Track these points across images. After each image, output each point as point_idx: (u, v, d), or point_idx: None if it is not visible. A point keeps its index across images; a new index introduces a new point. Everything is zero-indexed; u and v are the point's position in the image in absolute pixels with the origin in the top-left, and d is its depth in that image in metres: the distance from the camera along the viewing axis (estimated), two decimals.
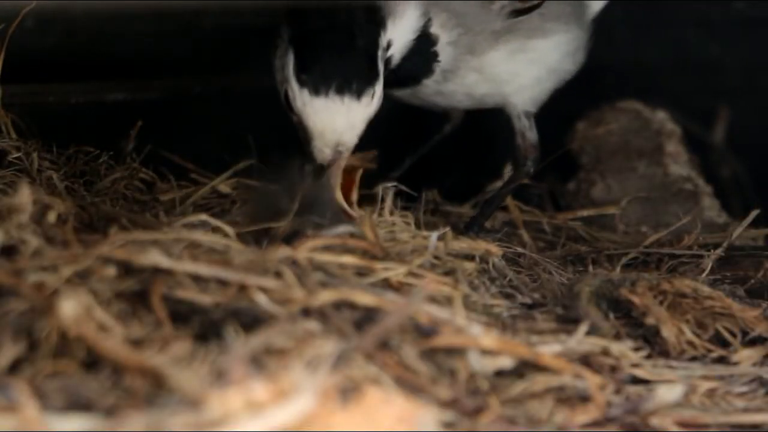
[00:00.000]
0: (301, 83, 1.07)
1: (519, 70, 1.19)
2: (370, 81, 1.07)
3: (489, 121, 1.35)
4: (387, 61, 1.10)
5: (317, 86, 1.06)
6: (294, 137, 1.12)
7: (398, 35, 1.11)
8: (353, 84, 1.06)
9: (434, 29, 1.13)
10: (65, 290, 0.87)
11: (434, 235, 1.02)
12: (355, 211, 1.07)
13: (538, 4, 1.16)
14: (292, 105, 1.07)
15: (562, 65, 1.21)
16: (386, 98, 1.11)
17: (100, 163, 1.20)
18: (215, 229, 0.98)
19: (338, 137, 1.07)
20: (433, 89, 1.18)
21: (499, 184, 1.25)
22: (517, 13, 1.16)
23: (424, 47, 1.13)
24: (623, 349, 0.96)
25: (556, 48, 1.20)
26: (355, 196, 1.09)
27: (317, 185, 1.06)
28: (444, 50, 1.15)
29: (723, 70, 1.47)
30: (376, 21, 1.10)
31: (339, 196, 1.08)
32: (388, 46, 1.10)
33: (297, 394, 0.78)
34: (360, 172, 1.10)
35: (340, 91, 1.06)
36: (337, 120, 1.06)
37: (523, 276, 1.08)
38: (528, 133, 1.21)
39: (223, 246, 0.95)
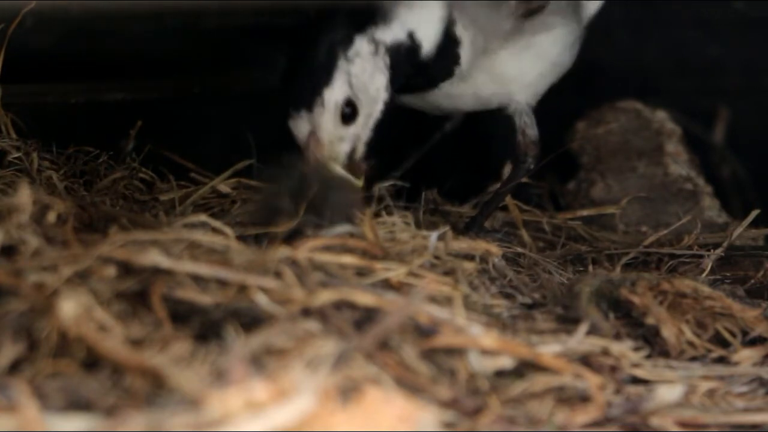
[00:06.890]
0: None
1: (525, 67, 1.19)
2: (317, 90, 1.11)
3: (489, 122, 1.35)
4: (415, 64, 1.13)
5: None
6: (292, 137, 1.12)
7: (424, 31, 1.13)
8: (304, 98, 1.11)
9: (458, 31, 1.14)
10: (65, 290, 0.86)
11: (434, 235, 1.02)
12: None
13: (547, 2, 1.17)
14: None
15: (562, 58, 1.22)
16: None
17: (100, 163, 1.20)
18: (215, 230, 0.98)
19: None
20: (444, 91, 1.18)
21: (499, 185, 1.25)
22: (529, 13, 1.16)
23: (449, 49, 1.15)
24: (623, 349, 0.96)
25: (558, 41, 1.21)
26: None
27: (322, 184, 1.06)
28: (465, 52, 1.15)
29: (723, 70, 1.47)
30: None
31: (338, 168, 1.09)
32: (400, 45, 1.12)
33: (297, 394, 0.78)
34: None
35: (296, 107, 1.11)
36: (301, 128, 1.12)
37: (523, 276, 1.08)
38: (528, 130, 1.21)
39: (223, 246, 0.94)
